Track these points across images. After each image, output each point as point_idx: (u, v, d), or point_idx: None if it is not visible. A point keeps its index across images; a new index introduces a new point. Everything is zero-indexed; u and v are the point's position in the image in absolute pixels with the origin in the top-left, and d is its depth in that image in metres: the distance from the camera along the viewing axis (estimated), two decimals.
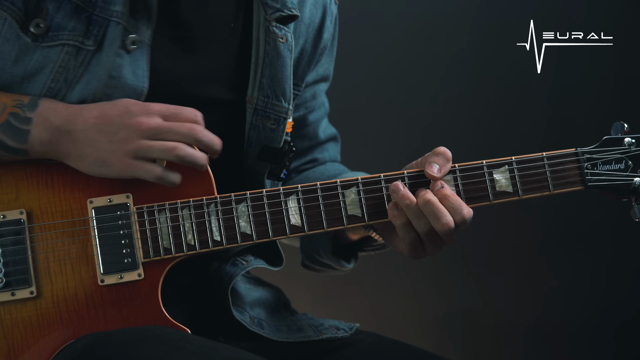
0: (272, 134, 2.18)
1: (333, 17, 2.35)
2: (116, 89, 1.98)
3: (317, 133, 2.43)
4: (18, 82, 1.97)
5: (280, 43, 2.16)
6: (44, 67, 1.97)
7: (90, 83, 1.97)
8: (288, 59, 2.18)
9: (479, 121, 4.11)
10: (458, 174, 2.04)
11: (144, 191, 1.99)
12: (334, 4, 2.36)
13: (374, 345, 2.19)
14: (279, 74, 2.17)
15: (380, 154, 4.08)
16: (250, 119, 2.16)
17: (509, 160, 2.06)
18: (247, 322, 2.18)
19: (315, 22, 2.30)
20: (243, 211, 2.01)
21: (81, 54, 1.98)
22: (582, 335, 4.23)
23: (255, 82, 2.16)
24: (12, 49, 1.97)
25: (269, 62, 2.16)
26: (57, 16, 1.98)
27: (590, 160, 2.08)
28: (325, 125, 2.46)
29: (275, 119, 2.18)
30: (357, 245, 2.26)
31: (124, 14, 1.99)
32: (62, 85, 1.97)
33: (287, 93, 2.19)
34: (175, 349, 1.84)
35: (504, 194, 2.05)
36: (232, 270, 2.18)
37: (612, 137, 2.10)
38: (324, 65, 2.37)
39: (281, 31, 2.17)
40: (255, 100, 2.16)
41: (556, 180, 2.07)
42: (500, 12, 4.08)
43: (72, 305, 1.97)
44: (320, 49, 2.32)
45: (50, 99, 1.97)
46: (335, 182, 2.03)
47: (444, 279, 4.17)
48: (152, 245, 1.98)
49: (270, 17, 2.15)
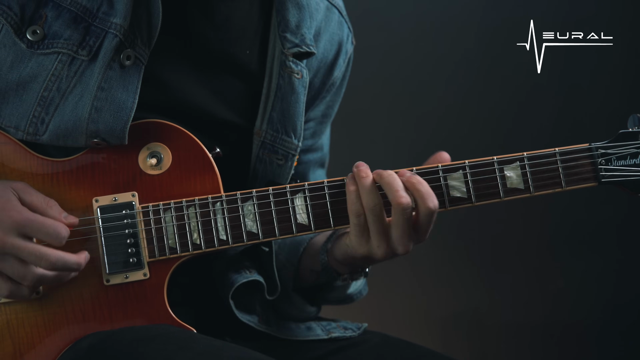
0: (280, 170, 2.17)
1: (347, 57, 2.32)
2: (105, 102, 1.96)
3: (305, 177, 2.36)
4: (13, 89, 1.97)
5: (295, 79, 2.14)
6: (38, 75, 1.96)
7: (83, 94, 1.96)
8: (302, 95, 2.16)
9: (480, 121, 4.11)
10: (468, 170, 2.01)
11: (149, 190, 1.99)
12: (350, 44, 2.33)
13: (381, 345, 2.18)
14: (292, 110, 2.15)
15: (386, 153, 4.07)
16: (257, 151, 2.15)
17: (521, 156, 2.02)
18: (254, 321, 2.18)
19: (329, 58, 2.27)
20: (249, 210, 2.00)
21: (75, 63, 1.97)
22: (589, 335, 4.22)
23: (265, 114, 2.15)
24: (8, 55, 1.96)
25: (281, 97, 2.14)
26: (55, 24, 1.97)
27: (605, 156, 2.02)
28: (320, 175, 2.40)
29: (284, 154, 2.16)
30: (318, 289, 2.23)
31: (122, 27, 1.97)
32: (55, 94, 1.96)
33: (298, 130, 2.17)
34: (182, 348, 1.84)
35: (515, 191, 2.01)
36: (234, 278, 2.16)
37: (628, 131, 2.04)
38: (329, 104, 2.34)
39: (297, 67, 2.14)
40: (264, 134, 2.15)
41: (569, 177, 2.02)
42: (500, 12, 4.07)
43: (77, 304, 1.97)
44: (329, 86, 2.29)
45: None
46: (342, 179, 2.01)
47: (451, 278, 4.16)
48: (157, 244, 1.98)
49: (287, 51, 2.13)
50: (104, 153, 2.00)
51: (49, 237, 1.87)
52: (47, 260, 1.86)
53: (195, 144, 2.02)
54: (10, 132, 1.97)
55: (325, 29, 2.26)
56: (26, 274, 1.87)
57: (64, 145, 1.97)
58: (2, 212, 1.86)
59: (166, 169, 2.01)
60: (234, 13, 2.11)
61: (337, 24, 2.29)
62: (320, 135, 2.37)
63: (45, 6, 1.97)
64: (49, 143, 1.97)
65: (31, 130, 1.96)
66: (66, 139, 1.96)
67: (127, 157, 2.01)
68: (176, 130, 2.02)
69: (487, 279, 4.19)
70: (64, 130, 1.95)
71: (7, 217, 1.85)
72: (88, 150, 1.99)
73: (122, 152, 2.00)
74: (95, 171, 1.99)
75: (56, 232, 1.87)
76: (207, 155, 2.02)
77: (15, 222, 1.86)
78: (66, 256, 1.88)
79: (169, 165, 2.01)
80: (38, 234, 1.87)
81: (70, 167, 1.99)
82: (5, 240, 1.84)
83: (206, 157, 2.02)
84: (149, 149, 2.01)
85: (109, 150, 2.00)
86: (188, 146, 2.02)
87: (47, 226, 1.87)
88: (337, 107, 2.38)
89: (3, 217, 1.85)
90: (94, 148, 1.98)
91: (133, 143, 1.99)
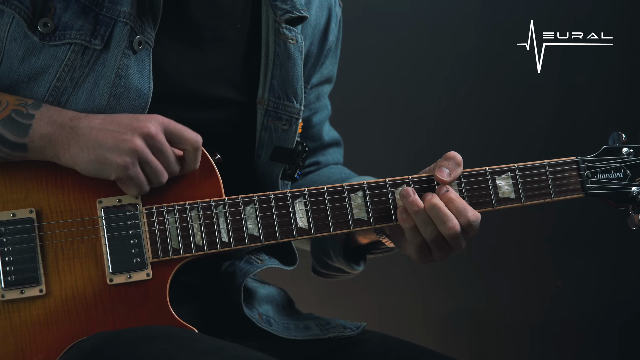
0: (285, 135, 2.18)
1: (338, 20, 2.36)
2: (124, 89, 1.99)
3: (321, 135, 2.43)
4: (25, 81, 1.98)
5: (290, 44, 2.17)
6: (50, 66, 1.97)
7: (98, 83, 1.98)
8: (299, 59, 2.19)
9: (480, 120, 4.12)
10: (462, 179, 2.07)
11: (152, 192, 2.00)
12: (338, 7, 2.37)
13: (380, 345, 2.19)
14: (290, 75, 2.18)
15: (385, 153, 4.08)
16: (261, 119, 2.17)
17: (512, 167, 2.09)
18: (255, 318, 2.18)
19: (321, 24, 2.30)
20: (251, 213, 2.02)
21: (87, 53, 1.99)
22: (588, 334, 4.23)
23: (266, 83, 2.17)
24: (19, 48, 1.98)
25: (279, 64, 2.17)
26: (64, 15, 1.98)
27: (591, 169, 2.11)
28: (328, 128, 2.47)
29: (287, 119, 2.18)
30: (366, 248, 2.27)
31: (131, 14, 2.00)
32: (67, 84, 1.98)
33: (299, 94, 2.19)
34: (184, 347, 1.85)
35: (506, 200, 2.08)
36: (247, 268, 2.18)
37: (611, 146, 2.13)
38: (328, 67, 2.38)
39: (291, 32, 2.17)
40: (266, 102, 2.17)
41: (557, 188, 2.10)
42: (500, 12, 4.08)
43: (80, 304, 1.97)
44: (326, 51, 2.32)
45: (53, 106, 1.98)
46: (341, 185, 2.04)
47: (450, 278, 4.17)
48: (160, 245, 1.99)
49: (280, 18, 2.16)
50: None
51: (156, 175, 1.96)
52: (161, 181, 1.97)
53: None
54: None
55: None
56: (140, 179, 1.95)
57: None
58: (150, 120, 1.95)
59: None
60: None
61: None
62: (324, 96, 2.43)
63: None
64: None
65: None
66: None
67: None
68: None
69: (486, 278, 4.20)
70: None
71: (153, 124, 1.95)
72: None
73: None
74: None
75: (161, 178, 1.97)
76: (210, 161, 2.03)
77: (152, 138, 1.94)
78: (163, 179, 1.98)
79: None
80: (153, 163, 1.95)
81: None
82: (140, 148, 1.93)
83: (208, 162, 2.03)
84: None
85: None
86: None
87: (160, 171, 1.96)
88: (336, 69, 2.42)
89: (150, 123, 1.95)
90: None
91: None
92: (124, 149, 1.92)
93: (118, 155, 1.92)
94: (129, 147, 1.92)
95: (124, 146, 1.92)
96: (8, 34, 1.98)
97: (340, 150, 2.50)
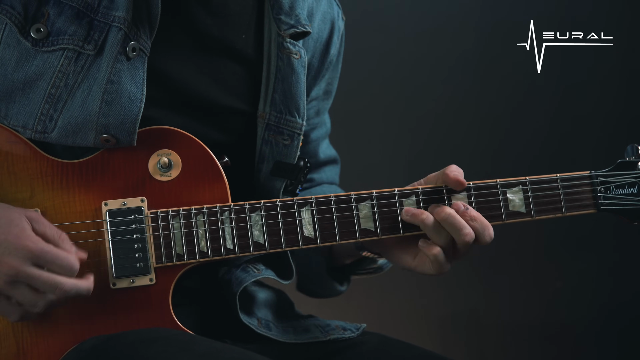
0: (286, 150, 2.18)
1: (340, 34, 2.35)
2: (115, 94, 1.97)
3: (316, 152, 2.42)
4: (20, 88, 1.97)
5: (294, 59, 2.16)
6: (44, 72, 1.96)
7: (92, 89, 1.97)
8: (302, 75, 2.18)
9: (480, 120, 4.11)
10: (472, 191, 2.05)
11: (158, 196, 2.00)
12: (341, 20, 2.36)
13: (380, 346, 2.19)
14: (293, 90, 2.17)
15: (384, 153, 4.08)
16: (262, 133, 2.16)
17: (523, 180, 2.06)
18: (254, 324, 2.18)
19: (323, 37, 2.29)
20: (257, 220, 2.01)
21: (81, 58, 1.97)
22: (587, 335, 4.24)
23: (267, 97, 2.16)
24: (13, 54, 1.97)
25: (281, 78, 2.16)
26: (57, 21, 1.98)
27: (604, 184, 2.07)
28: (326, 146, 2.46)
29: (289, 134, 2.18)
30: (350, 268, 2.27)
31: (126, 19, 1.98)
32: (62, 90, 1.97)
33: (301, 109, 2.19)
34: (183, 349, 1.85)
35: (517, 214, 2.06)
36: (242, 276, 2.18)
37: (626, 160, 2.09)
38: (328, 81, 2.37)
39: (295, 47, 2.16)
40: (267, 116, 2.16)
41: (569, 203, 2.07)
42: (500, 12, 4.07)
43: (82, 306, 1.97)
44: (327, 64, 2.31)
45: None
46: (349, 194, 2.03)
47: (449, 279, 4.15)
48: (164, 250, 1.99)
49: (284, 33, 2.15)
50: (115, 157, 2.00)
51: (62, 269, 1.87)
52: (62, 289, 1.87)
53: (205, 153, 2.03)
54: (18, 131, 1.98)
55: (317, 8, 2.28)
56: (38, 301, 1.88)
57: (72, 144, 1.98)
58: (17, 241, 1.86)
59: (175, 176, 2.02)
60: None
61: (327, 3, 2.32)
62: (323, 111, 2.42)
63: (47, 4, 1.98)
64: (57, 141, 1.97)
65: (39, 128, 1.96)
66: (75, 136, 1.97)
67: (137, 162, 2.01)
68: (187, 138, 2.03)
69: (485, 279, 4.20)
70: (74, 126, 1.96)
71: (23, 247, 1.85)
72: (98, 152, 2.00)
73: (133, 157, 2.01)
74: (105, 174, 2.00)
75: (69, 264, 1.88)
76: (217, 165, 2.03)
77: (30, 251, 1.85)
78: (79, 284, 1.89)
79: (178, 173, 2.02)
80: (52, 265, 1.87)
81: (80, 169, 1.99)
82: (20, 269, 1.84)
83: (215, 166, 2.03)
84: (159, 155, 2.02)
85: (119, 155, 2.00)
86: (198, 154, 2.03)
87: (61, 258, 1.87)
88: (336, 83, 2.41)
89: (18, 246, 1.85)
90: (102, 148, 1.99)
91: (143, 148, 2.01)
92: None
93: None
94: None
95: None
96: (1, 40, 1.97)
97: (336, 168, 2.49)
